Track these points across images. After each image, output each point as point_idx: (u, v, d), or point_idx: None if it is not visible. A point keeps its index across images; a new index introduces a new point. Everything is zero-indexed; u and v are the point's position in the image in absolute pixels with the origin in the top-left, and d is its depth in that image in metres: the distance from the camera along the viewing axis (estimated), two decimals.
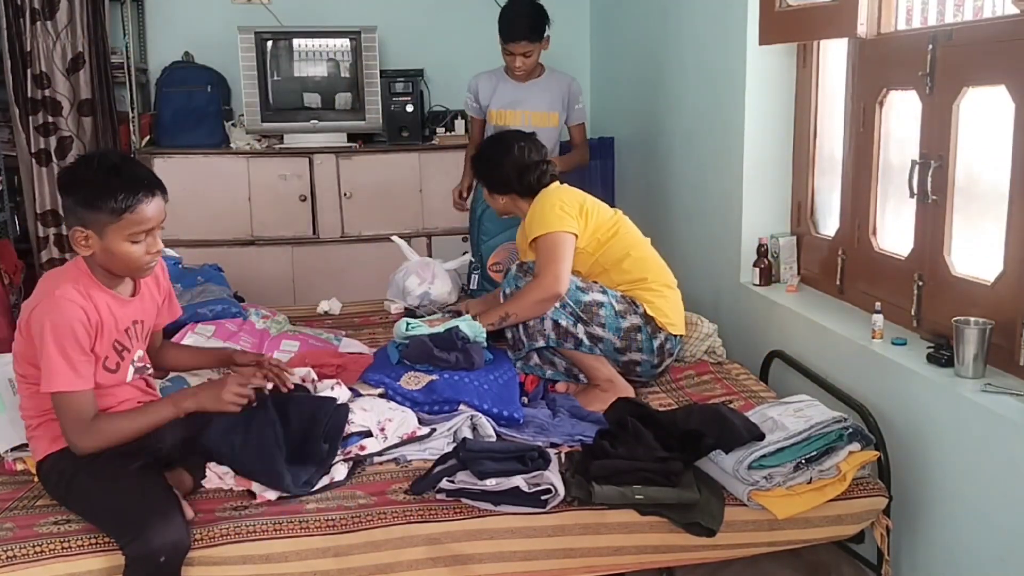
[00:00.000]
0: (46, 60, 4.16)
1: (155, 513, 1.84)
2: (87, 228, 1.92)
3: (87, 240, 1.93)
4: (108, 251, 1.94)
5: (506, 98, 3.60)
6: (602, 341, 2.57)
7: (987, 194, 2.21)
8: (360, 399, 2.33)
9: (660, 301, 2.67)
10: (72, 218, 1.95)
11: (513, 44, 3.46)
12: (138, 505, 1.86)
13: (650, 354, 2.64)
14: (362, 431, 2.17)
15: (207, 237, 4.16)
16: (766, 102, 3.02)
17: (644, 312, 2.63)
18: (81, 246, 1.95)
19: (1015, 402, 1.96)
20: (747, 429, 2.08)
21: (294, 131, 4.32)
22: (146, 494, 1.90)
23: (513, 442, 2.25)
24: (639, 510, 2.00)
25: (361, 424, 2.18)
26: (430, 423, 2.30)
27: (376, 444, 2.18)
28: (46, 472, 2.02)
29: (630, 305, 2.62)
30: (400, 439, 2.22)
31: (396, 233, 3.94)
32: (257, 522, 1.93)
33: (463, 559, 1.97)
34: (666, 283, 2.74)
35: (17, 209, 4.40)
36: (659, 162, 3.89)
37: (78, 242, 1.94)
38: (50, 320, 1.90)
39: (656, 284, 2.69)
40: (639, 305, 2.64)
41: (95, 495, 1.93)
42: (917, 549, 2.24)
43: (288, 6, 4.54)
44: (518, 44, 3.45)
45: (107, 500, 1.91)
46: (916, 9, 2.68)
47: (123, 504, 1.88)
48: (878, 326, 2.42)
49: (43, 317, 1.91)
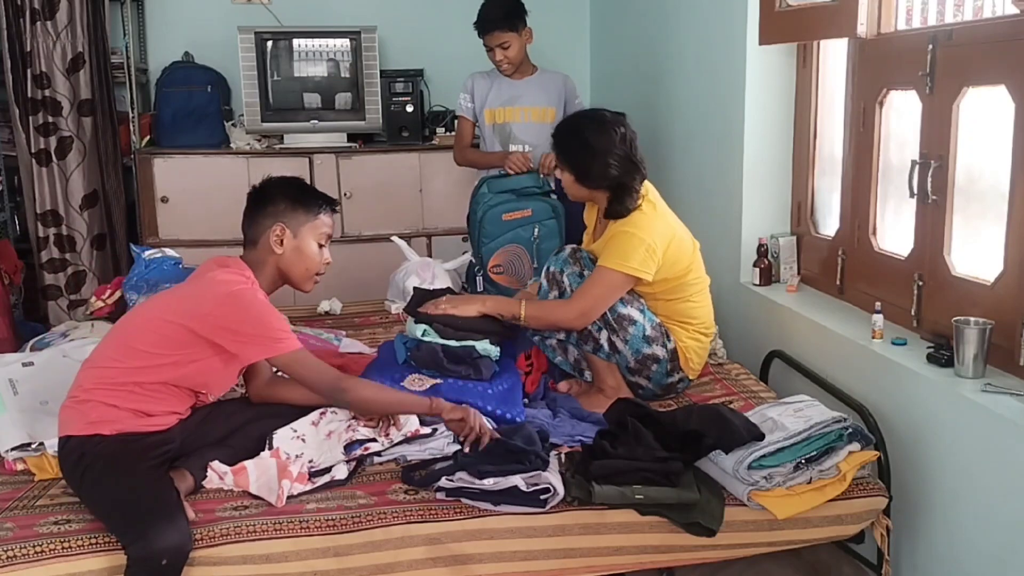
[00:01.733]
0: (46, 60, 4.15)
1: (160, 515, 1.85)
2: (287, 225, 2.20)
3: (282, 236, 2.20)
4: (297, 249, 2.23)
5: (503, 96, 3.59)
6: (619, 354, 2.54)
7: (987, 194, 2.21)
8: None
9: (693, 343, 2.61)
10: (270, 218, 2.22)
11: (488, 36, 3.45)
12: (145, 506, 1.88)
13: (657, 386, 2.59)
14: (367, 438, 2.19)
15: (207, 237, 4.15)
16: (766, 102, 3.02)
17: (673, 349, 2.57)
18: (276, 243, 2.21)
19: (1015, 402, 1.96)
20: (747, 429, 2.08)
21: (294, 131, 4.31)
22: (154, 496, 1.92)
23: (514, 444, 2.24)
24: (639, 510, 2.00)
25: (364, 433, 2.20)
26: (432, 423, 2.30)
27: (379, 444, 2.19)
28: (68, 451, 2.04)
29: (662, 335, 2.55)
30: (404, 437, 2.23)
31: (396, 233, 3.94)
32: (257, 522, 1.93)
33: (463, 559, 1.97)
34: (706, 330, 2.66)
35: (17, 209, 4.39)
36: (659, 162, 3.88)
37: (274, 239, 2.21)
38: (251, 294, 2.12)
39: (697, 329, 2.63)
40: (671, 340, 2.57)
41: (106, 489, 1.95)
42: (917, 549, 2.24)
43: (288, 6, 4.53)
44: (493, 35, 3.44)
45: (116, 497, 1.93)
46: (916, 9, 2.68)
47: (130, 504, 1.90)
48: (878, 326, 2.42)
49: (241, 291, 2.10)
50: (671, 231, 2.56)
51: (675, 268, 2.55)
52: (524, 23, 3.49)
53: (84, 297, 4.18)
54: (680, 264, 2.56)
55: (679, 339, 2.58)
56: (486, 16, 3.46)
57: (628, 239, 2.49)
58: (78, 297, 4.30)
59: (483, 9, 3.48)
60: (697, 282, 2.63)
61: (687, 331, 2.60)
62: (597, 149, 2.51)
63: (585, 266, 2.58)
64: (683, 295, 2.59)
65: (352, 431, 2.19)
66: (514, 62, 3.50)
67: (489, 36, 3.46)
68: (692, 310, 2.61)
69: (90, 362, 2.15)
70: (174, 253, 3.43)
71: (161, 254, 3.33)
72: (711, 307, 2.71)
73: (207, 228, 4.17)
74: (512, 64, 3.51)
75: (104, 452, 1.99)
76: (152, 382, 2.08)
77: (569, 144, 2.58)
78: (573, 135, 2.58)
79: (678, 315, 2.60)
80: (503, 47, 3.45)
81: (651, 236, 2.49)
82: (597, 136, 2.53)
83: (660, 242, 2.50)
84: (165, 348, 2.08)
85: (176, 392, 2.13)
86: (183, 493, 2.00)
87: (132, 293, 3.12)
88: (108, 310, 3.22)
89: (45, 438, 2.16)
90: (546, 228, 3.40)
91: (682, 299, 2.60)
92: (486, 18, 3.45)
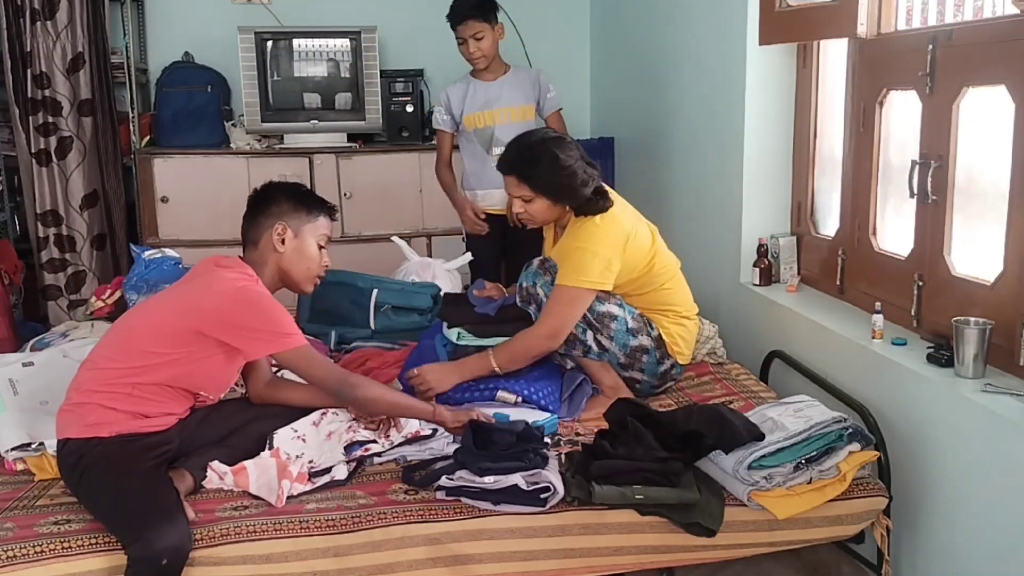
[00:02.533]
0: (46, 60, 4.15)
1: (159, 516, 1.85)
2: (288, 224, 2.23)
3: (284, 235, 2.23)
4: (298, 249, 2.25)
5: (479, 100, 3.55)
6: (608, 352, 2.54)
7: (987, 194, 2.21)
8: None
9: (677, 329, 2.61)
10: (272, 218, 2.24)
11: (462, 26, 3.42)
12: (144, 507, 1.88)
13: (652, 376, 2.59)
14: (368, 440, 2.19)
15: (207, 237, 4.15)
16: (766, 102, 3.02)
17: (658, 336, 2.57)
18: (278, 241, 2.23)
19: (1015, 402, 1.96)
20: (747, 429, 2.08)
21: (294, 131, 4.32)
22: (154, 496, 1.92)
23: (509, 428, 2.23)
24: (639, 510, 2.00)
25: (364, 435, 2.20)
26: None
27: (379, 446, 2.20)
28: (66, 454, 2.04)
29: (644, 325, 2.56)
30: (404, 439, 2.23)
31: (396, 233, 3.94)
32: (257, 522, 1.93)
33: (463, 559, 1.97)
34: (687, 313, 2.67)
35: (17, 209, 4.40)
36: (659, 162, 3.89)
37: (276, 238, 2.23)
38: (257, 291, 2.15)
39: (677, 313, 2.63)
40: (654, 328, 2.58)
41: (105, 490, 1.95)
42: (917, 549, 2.24)
43: (288, 6, 4.53)
44: (467, 25, 3.41)
45: (115, 498, 1.93)
46: (916, 9, 2.69)
47: (130, 504, 1.90)
48: (878, 326, 2.41)
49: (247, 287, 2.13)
50: (624, 235, 2.51)
51: (637, 267, 2.56)
52: (496, 17, 3.47)
53: (84, 297, 4.18)
54: (641, 262, 2.56)
55: (662, 326, 2.59)
56: (459, 6, 3.44)
57: (581, 255, 2.46)
58: (78, 297, 4.31)
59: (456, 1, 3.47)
60: (665, 270, 2.62)
61: (668, 318, 2.61)
62: (566, 164, 2.45)
63: (554, 274, 2.54)
64: (654, 286, 2.60)
65: (353, 432, 2.19)
66: (488, 55, 3.46)
67: (463, 26, 3.42)
68: (668, 297, 2.63)
69: (89, 363, 2.15)
70: (174, 253, 3.42)
71: (161, 254, 3.33)
72: (687, 290, 2.70)
73: (207, 228, 4.17)
74: (486, 58, 3.47)
75: (103, 453, 1.99)
76: (151, 383, 2.08)
77: (534, 170, 2.47)
78: (536, 160, 2.48)
79: (656, 304, 2.61)
80: (476, 38, 3.42)
81: (604, 248, 2.47)
82: (561, 152, 2.47)
83: (615, 251, 2.48)
84: (166, 347, 2.08)
85: (173, 393, 2.13)
86: (183, 493, 1.99)
87: (132, 293, 3.12)
88: (108, 310, 3.22)
89: (45, 438, 2.16)
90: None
91: (655, 289, 2.61)
92: (459, 8, 3.43)
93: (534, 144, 2.52)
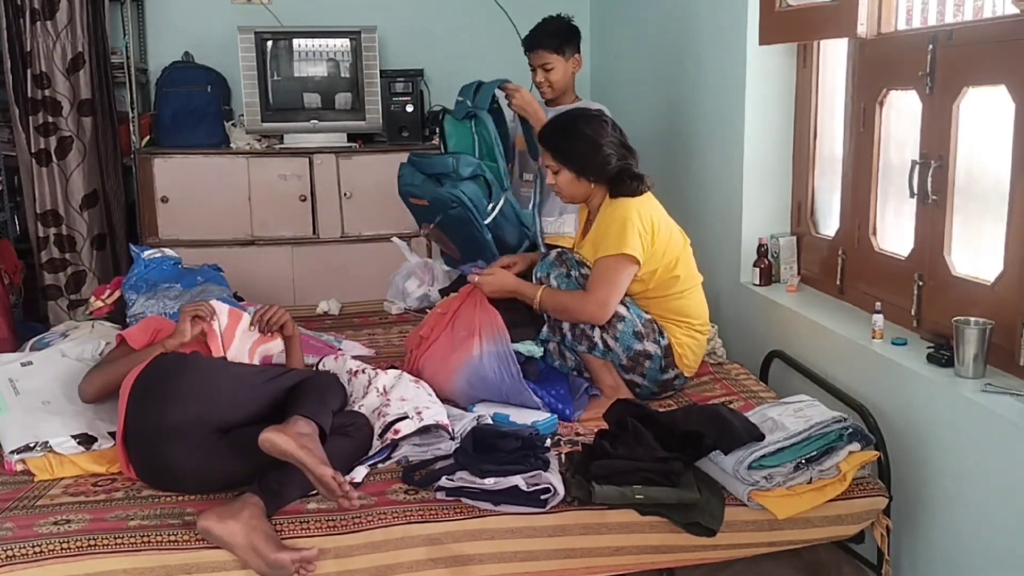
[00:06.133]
0: (46, 60, 4.15)
1: None
2: None
3: None
4: None
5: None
6: (611, 351, 2.54)
7: (987, 194, 2.21)
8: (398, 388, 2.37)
9: (688, 340, 2.60)
10: None
11: (532, 54, 3.28)
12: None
13: (653, 383, 2.59)
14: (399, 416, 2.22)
15: (207, 237, 4.16)
16: (766, 102, 3.02)
17: (667, 345, 2.56)
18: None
19: (1015, 402, 1.96)
20: (747, 430, 2.08)
21: (294, 131, 4.31)
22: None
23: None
24: (639, 510, 2.00)
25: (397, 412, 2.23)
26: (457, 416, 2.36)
27: (410, 425, 2.21)
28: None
29: (653, 332, 2.55)
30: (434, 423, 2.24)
31: (396, 234, 3.94)
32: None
33: (463, 559, 1.96)
34: (701, 328, 2.65)
35: (17, 209, 4.39)
36: (659, 162, 3.88)
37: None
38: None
39: (691, 326, 2.62)
40: (665, 336, 2.56)
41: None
42: (917, 549, 2.24)
43: (288, 6, 4.53)
44: (536, 54, 3.25)
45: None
46: (916, 9, 2.69)
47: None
48: (878, 326, 2.42)
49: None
50: (657, 217, 2.58)
51: (664, 258, 2.56)
52: (574, 49, 3.27)
53: (84, 297, 4.18)
54: (669, 255, 2.57)
55: (674, 336, 2.58)
56: (533, 33, 3.29)
57: (619, 226, 2.51)
58: (78, 297, 4.30)
59: (535, 26, 3.32)
60: (687, 279, 2.63)
61: (682, 328, 2.60)
62: (592, 138, 2.54)
63: (571, 267, 2.58)
64: (673, 291, 2.59)
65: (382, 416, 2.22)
66: (556, 88, 3.26)
67: (533, 54, 3.27)
68: (685, 308, 2.61)
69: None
70: (174, 253, 3.42)
71: (161, 254, 3.33)
72: (705, 306, 2.70)
73: (207, 228, 4.18)
74: (553, 89, 3.27)
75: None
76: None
77: (562, 142, 2.58)
78: (564, 132, 2.59)
79: (671, 312, 2.60)
80: (545, 68, 3.23)
81: (639, 219, 2.51)
82: (590, 127, 2.57)
83: (647, 226, 2.52)
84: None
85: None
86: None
87: (132, 293, 3.12)
88: (108, 310, 3.22)
89: (49, 438, 2.17)
90: (451, 218, 3.16)
91: (673, 296, 2.60)
92: (533, 35, 3.28)
93: (567, 117, 2.66)
